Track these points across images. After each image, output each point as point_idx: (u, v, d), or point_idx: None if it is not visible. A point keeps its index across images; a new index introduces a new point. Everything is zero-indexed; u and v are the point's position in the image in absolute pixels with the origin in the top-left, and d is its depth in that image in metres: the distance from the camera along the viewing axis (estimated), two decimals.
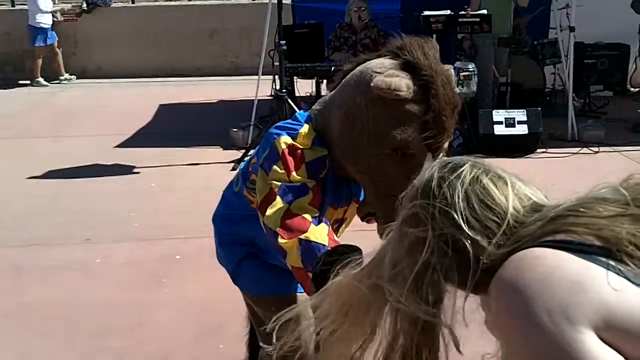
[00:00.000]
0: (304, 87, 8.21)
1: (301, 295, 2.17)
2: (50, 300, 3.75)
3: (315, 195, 1.93)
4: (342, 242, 1.85)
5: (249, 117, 7.11)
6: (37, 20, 10.95)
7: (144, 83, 11.14)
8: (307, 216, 1.86)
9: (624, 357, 0.98)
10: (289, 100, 6.73)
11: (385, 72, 1.86)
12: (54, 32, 11.20)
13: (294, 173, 1.92)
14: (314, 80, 7.87)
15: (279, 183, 1.91)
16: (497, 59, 7.52)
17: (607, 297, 1.00)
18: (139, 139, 7.47)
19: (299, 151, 1.95)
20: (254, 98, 7.17)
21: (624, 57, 8.69)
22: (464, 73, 6.44)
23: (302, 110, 2.18)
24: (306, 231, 1.82)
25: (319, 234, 1.83)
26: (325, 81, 7.77)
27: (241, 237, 2.22)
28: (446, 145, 1.93)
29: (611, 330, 0.98)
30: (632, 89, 9.20)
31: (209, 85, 10.80)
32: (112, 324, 3.47)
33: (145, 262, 4.22)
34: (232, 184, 2.30)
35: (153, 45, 11.82)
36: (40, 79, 11.13)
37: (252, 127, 7.00)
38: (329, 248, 1.78)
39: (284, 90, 6.71)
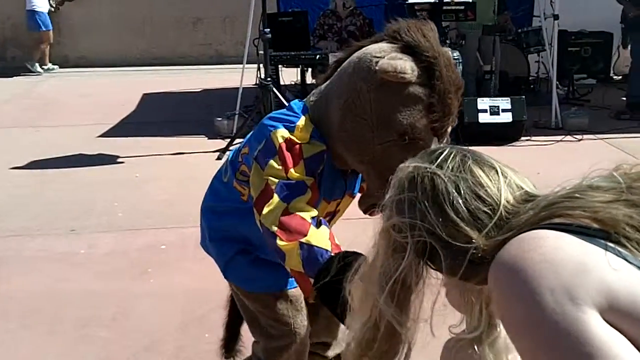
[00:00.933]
0: (289, 75, 8.19)
1: (295, 291, 2.12)
2: (34, 290, 3.72)
3: (314, 194, 1.86)
4: (343, 247, 1.79)
5: (234, 106, 7.09)
6: (35, 4, 10.88)
7: (127, 72, 11.07)
8: (306, 216, 1.80)
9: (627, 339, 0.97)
10: (274, 89, 6.71)
11: (387, 56, 1.79)
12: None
13: (292, 170, 1.84)
14: (298, 69, 7.86)
15: (276, 180, 1.83)
16: (483, 47, 7.54)
17: (610, 278, 0.99)
18: (122, 128, 7.43)
19: (297, 146, 1.86)
20: (238, 87, 7.15)
21: (607, 45, 8.74)
22: None
23: (296, 100, 2.08)
24: (306, 234, 1.76)
25: (321, 237, 1.77)
26: (310, 69, 7.77)
27: (232, 231, 2.14)
28: (449, 129, 1.88)
29: (613, 312, 0.97)
30: (615, 77, 9.26)
31: (193, 74, 10.75)
32: (97, 314, 3.45)
33: (130, 252, 4.20)
34: (220, 173, 2.22)
35: (136, 34, 11.75)
36: (37, 65, 11.08)
37: (236, 116, 6.98)
38: (332, 254, 1.72)
39: (268, 79, 6.69)
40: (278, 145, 1.85)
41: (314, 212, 1.83)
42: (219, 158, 6.18)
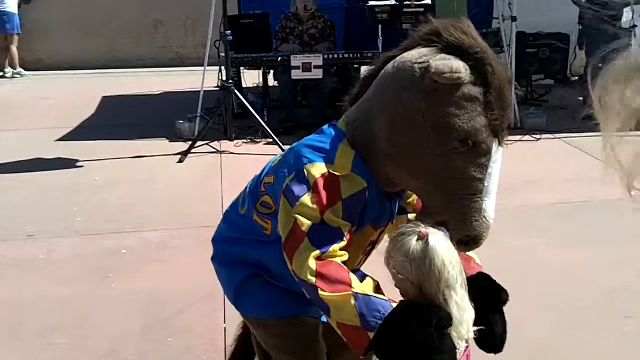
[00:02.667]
0: (250, 77, 8.17)
1: (314, 320, 1.98)
2: None
3: (348, 241, 1.70)
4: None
5: (195, 108, 7.04)
6: (7, 4, 10.72)
7: (85, 75, 10.93)
8: (341, 262, 1.66)
9: None
10: (236, 90, 6.69)
11: (432, 58, 1.65)
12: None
13: (328, 212, 1.66)
14: (260, 71, 7.84)
15: (307, 220, 1.66)
16: None
17: None
18: (81, 132, 7.32)
19: (336, 183, 1.69)
20: (199, 89, 7.10)
21: (564, 46, 8.88)
22: None
23: (326, 125, 1.87)
24: (350, 282, 1.62)
25: (370, 286, 1.64)
26: (272, 71, 7.75)
27: (249, 258, 1.98)
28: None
29: None
30: (572, 77, 9.42)
31: (154, 77, 10.66)
32: (58, 321, 3.40)
33: (90, 257, 4.14)
34: (236, 204, 2.04)
35: (95, 36, 11.60)
36: (9, 69, 10.94)
37: (198, 118, 6.94)
38: (392, 304, 1.61)
39: (230, 81, 6.66)
40: (313, 181, 1.68)
41: (345, 256, 1.69)
42: (180, 161, 6.13)
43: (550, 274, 3.84)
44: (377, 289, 1.68)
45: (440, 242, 1.60)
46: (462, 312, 1.59)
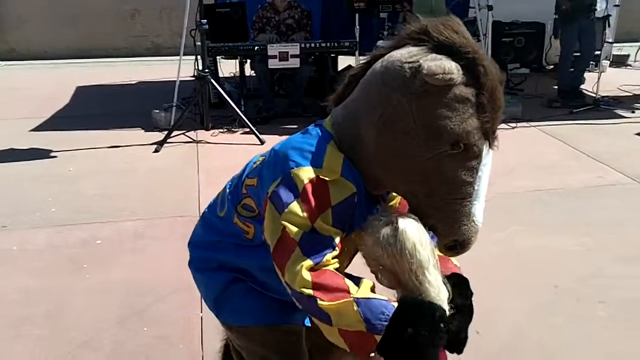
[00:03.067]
0: (228, 67, 8.12)
1: (299, 328, 1.94)
2: None
3: (340, 250, 1.65)
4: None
5: (171, 98, 6.99)
6: None
7: (60, 64, 10.81)
8: (334, 269, 1.62)
9: None
10: (212, 80, 6.65)
11: (423, 58, 1.59)
12: None
13: (319, 220, 1.61)
14: (237, 60, 7.80)
15: (296, 228, 1.60)
16: None
17: None
18: (55, 122, 7.24)
19: (326, 189, 1.62)
20: (175, 79, 7.05)
21: (540, 35, 8.95)
22: None
23: (312, 125, 1.80)
24: (348, 289, 1.58)
25: (368, 288, 1.62)
26: (248, 61, 7.71)
27: (228, 263, 1.90)
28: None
29: None
30: (547, 66, 9.50)
31: (129, 66, 10.57)
32: (32, 312, 3.36)
33: (64, 248, 4.10)
34: (214, 206, 1.97)
35: (70, 25, 11.46)
36: None
37: (174, 108, 6.89)
38: (393, 304, 1.58)
39: (206, 71, 6.62)
40: (302, 187, 1.61)
41: (337, 265, 1.65)
42: (156, 151, 6.08)
43: (526, 260, 3.87)
44: (373, 290, 1.65)
45: (410, 225, 1.59)
46: (437, 292, 1.59)
